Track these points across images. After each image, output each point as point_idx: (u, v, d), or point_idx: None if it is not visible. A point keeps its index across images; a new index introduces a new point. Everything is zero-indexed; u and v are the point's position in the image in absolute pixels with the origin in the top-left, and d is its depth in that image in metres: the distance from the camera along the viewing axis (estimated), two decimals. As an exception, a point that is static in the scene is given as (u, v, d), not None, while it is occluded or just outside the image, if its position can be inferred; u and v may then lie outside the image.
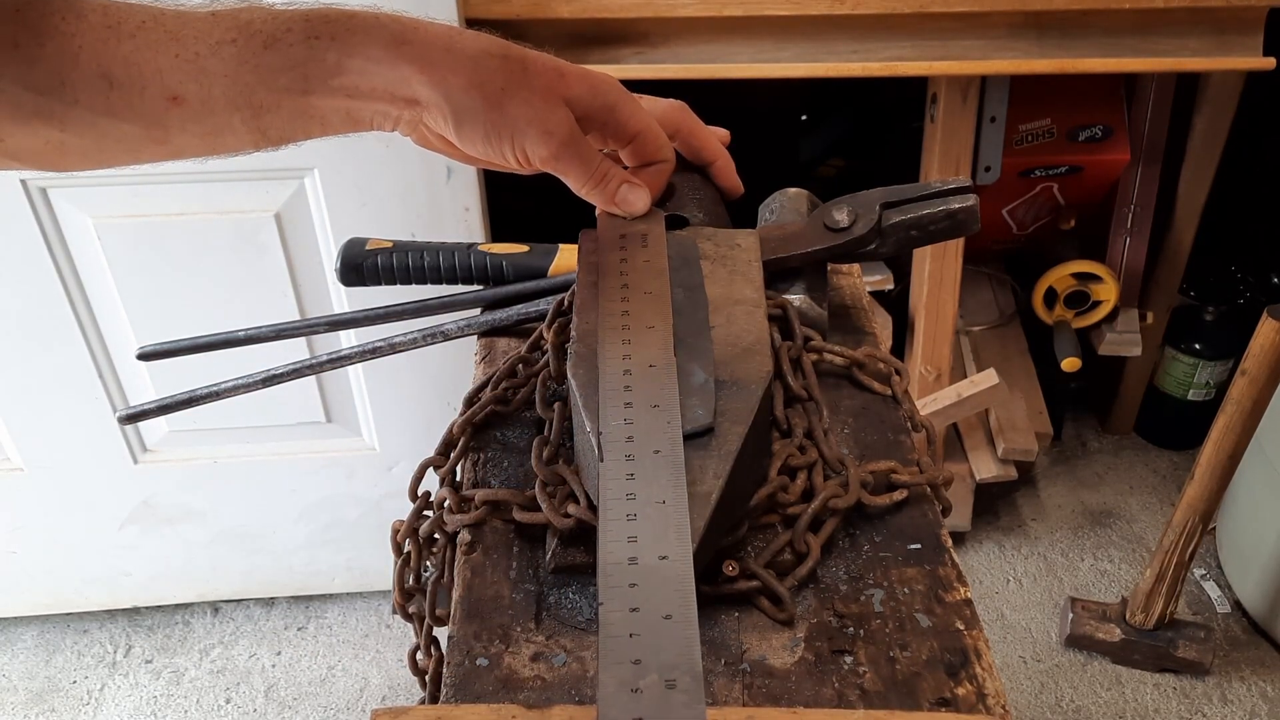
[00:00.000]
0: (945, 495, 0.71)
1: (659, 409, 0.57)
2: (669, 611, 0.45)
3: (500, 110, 0.59)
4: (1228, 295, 2.16)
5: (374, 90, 0.58)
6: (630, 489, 0.52)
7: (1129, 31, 1.43)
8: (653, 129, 0.68)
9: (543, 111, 0.60)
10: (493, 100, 0.59)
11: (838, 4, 1.37)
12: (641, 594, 0.47)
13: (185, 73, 0.56)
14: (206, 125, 0.58)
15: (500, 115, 0.59)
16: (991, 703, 0.56)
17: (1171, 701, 1.71)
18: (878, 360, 0.79)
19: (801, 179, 1.97)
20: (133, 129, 0.57)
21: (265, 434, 1.65)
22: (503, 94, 0.59)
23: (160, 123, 0.57)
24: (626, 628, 0.45)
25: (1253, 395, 1.41)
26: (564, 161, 0.63)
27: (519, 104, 0.59)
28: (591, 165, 0.65)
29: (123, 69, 0.55)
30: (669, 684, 0.42)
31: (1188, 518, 1.56)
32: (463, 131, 0.60)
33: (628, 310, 0.65)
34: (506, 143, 0.61)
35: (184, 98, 0.56)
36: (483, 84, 0.59)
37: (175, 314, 1.48)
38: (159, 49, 0.56)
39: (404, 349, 0.88)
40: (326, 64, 0.57)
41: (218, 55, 0.56)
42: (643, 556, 0.48)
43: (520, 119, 0.59)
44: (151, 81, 0.56)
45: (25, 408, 1.57)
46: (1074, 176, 1.82)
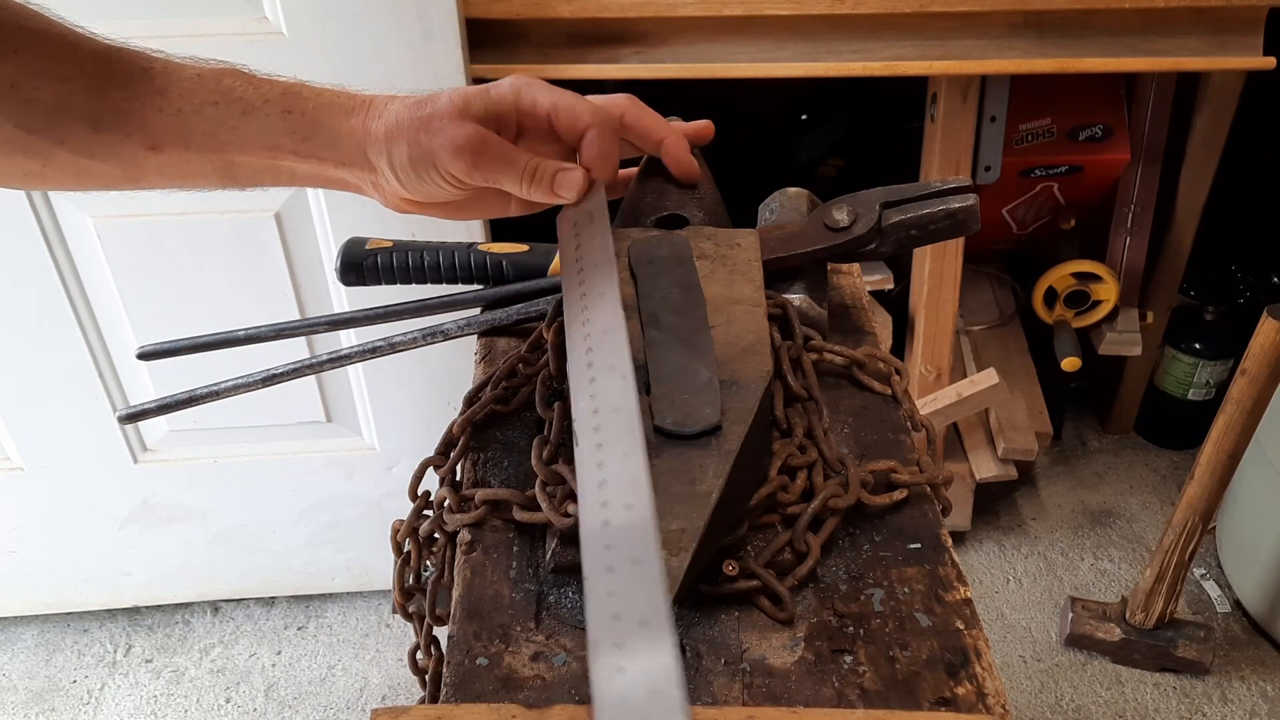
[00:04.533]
0: (945, 495, 0.71)
1: (615, 369, 0.58)
2: (636, 557, 0.48)
3: (418, 145, 0.64)
4: (1228, 295, 2.16)
5: (338, 158, 0.65)
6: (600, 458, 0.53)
7: (1129, 31, 1.42)
8: (564, 102, 0.69)
9: (451, 132, 0.64)
10: (412, 140, 0.64)
11: (838, 3, 1.37)
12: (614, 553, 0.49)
13: (167, 127, 0.61)
14: (180, 171, 0.64)
15: (419, 149, 0.64)
16: (991, 702, 0.56)
17: (1171, 701, 1.71)
18: (878, 360, 0.79)
19: (801, 179, 1.97)
20: (110, 169, 0.62)
21: (265, 434, 1.65)
22: (418, 132, 0.64)
23: (137, 166, 0.62)
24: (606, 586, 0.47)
25: (1253, 395, 1.41)
26: (486, 168, 0.66)
27: (429, 135, 0.64)
28: (517, 164, 0.67)
29: (110, 117, 0.60)
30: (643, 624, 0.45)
31: (1188, 517, 1.56)
32: (400, 176, 0.65)
33: (585, 293, 0.66)
34: (432, 170, 0.65)
35: (163, 148, 0.62)
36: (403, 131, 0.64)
37: (175, 313, 1.48)
38: (146, 101, 0.61)
39: (404, 348, 0.88)
40: (297, 135, 0.64)
41: (200, 115, 0.62)
42: (613, 517, 0.50)
43: (434, 145, 0.64)
44: (135, 131, 0.61)
45: (25, 407, 1.57)
46: (1074, 176, 1.82)
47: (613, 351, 0.60)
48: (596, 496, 0.51)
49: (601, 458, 0.54)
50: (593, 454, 0.54)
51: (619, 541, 0.49)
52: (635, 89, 1.78)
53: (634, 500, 0.50)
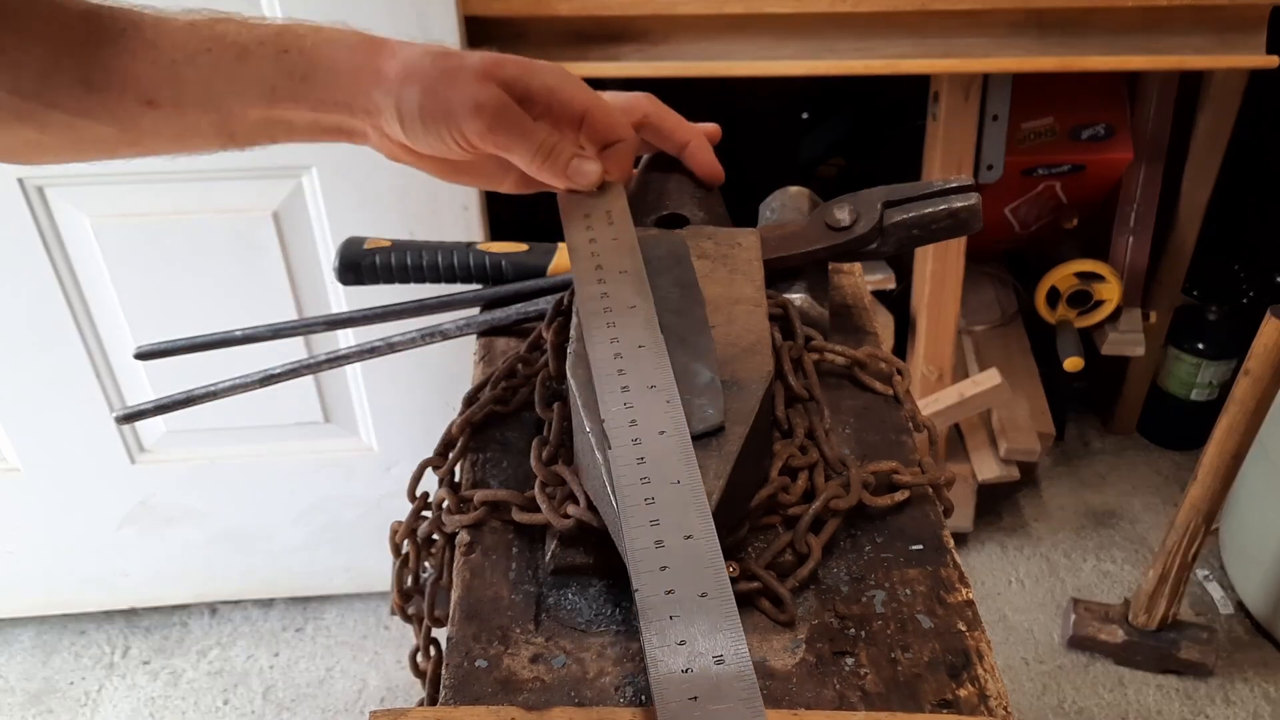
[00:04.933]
0: (947, 496, 0.70)
1: (656, 389, 0.57)
2: (704, 590, 0.46)
3: (435, 95, 0.61)
4: (1231, 295, 2.15)
5: (336, 101, 0.62)
6: (644, 473, 0.52)
7: (1132, 29, 1.42)
8: (602, 106, 0.68)
9: (474, 90, 0.61)
10: (429, 88, 0.61)
11: (839, 1, 1.37)
12: (673, 576, 0.47)
13: (161, 79, 0.59)
14: (177, 128, 0.61)
15: (435, 100, 0.61)
16: (994, 704, 0.56)
17: (1174, 703, 1.70)
18: (879, 360, 0.79)
19: (802, 178, 1.97)
20: (108, 130, 0.60)
21: (263, 434, 1.65)
22: (437, 82, 0.61)
23: (134, 125, 0.60)
24: (666, 611, 0.45)
25: (1256, 395, 1.41)
26: (501, 135, 0.63)
27: (452, 88, 0.61)
28: (534, 138, 0.64)
29: (101, 75, 0.58)
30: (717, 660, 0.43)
31: (1190, 518, 1.55)
32: (406, 124, 0.62)
33: (606, 293, 0.64)
34: (443, 125, 0.62)
35: (158, 102, 0.59)
36: (421, 76, 0.61)
37: (173, 313, 1.47)
38: (137, 55, 0.58)
39: (402, 348, 0.88)
40: (294, 76, 0.61)
41: (193, 64, 0.59)
42: (668, 539, 0.48)
43: (453, 99, 0.61)
44: (129, 87, 0.59)
45: (22, 407, 1.56)
46: (1076, 175, 1.81)
47: (654, 370, 0.58)
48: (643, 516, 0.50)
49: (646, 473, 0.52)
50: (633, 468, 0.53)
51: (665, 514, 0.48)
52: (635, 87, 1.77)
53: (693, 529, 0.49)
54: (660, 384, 0.57)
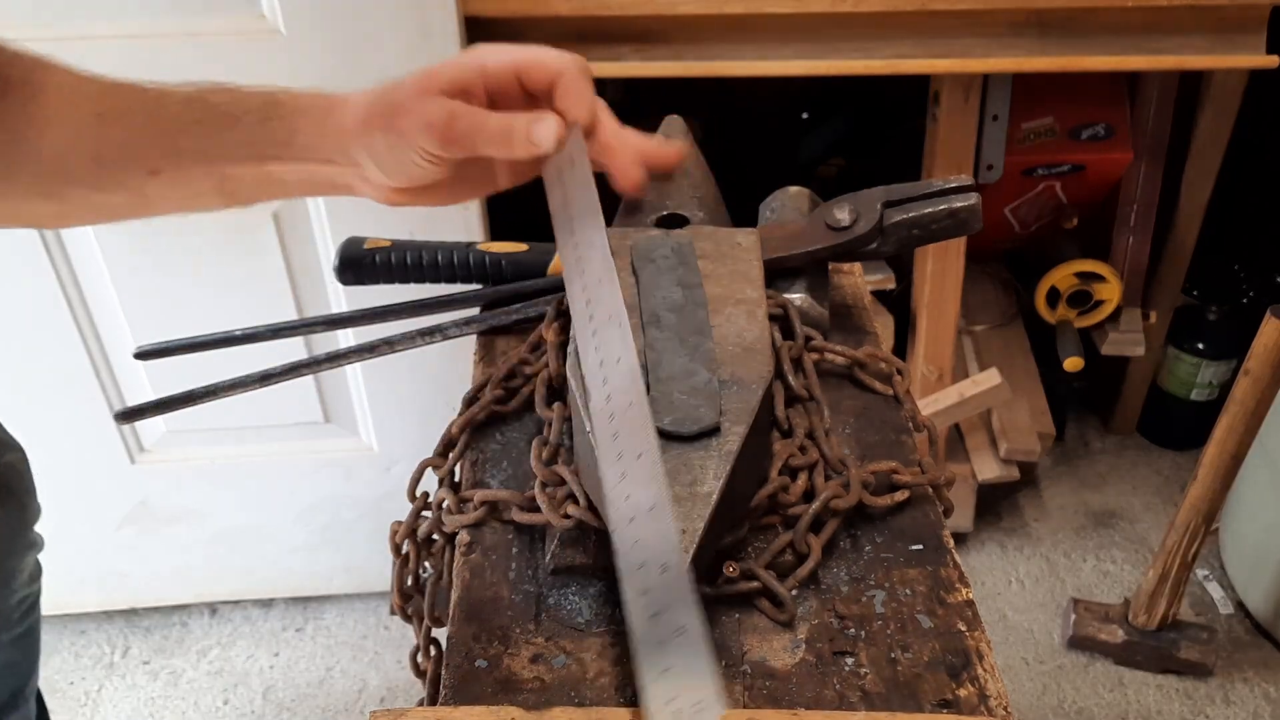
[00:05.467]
0: (947, 496, 0.70)
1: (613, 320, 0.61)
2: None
3: (391, 131, 0.65)
4: (1231, 295, 2.15)
5: (323, 158, 0.67)
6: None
7: (1132, 29, 1.42)
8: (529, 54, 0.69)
9: (419, 109, 0.64)
10: (386, 126, 0.65)
11: (839, 1, 1.37)
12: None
13: (162, 150, 0.65)
14: (181, 192, 0.67)
15: (394, 135, 0.65)
16: (994, 704, 0.56)
17: (1174, 703, 1.70)
18: (879, 360, 0.79)
19: (802, 178, 1.96)
20: (120, 199, 0.67)
21: (263, 434, 1.65)
22: (389, 118, 0.65)
23: (142, 192, 0.66)
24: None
25: (1256, 395, 1.41)
26: (461, 138, 0.65)
27: (401, 117, 0.65)
28: (489, 126, 0.66)
29: (111, 151, 0.65)
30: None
31: (1191, 518, 1.55)
32: (381, 164, 0.66)
33: (578, 243, 0.66)
34: (410, 152, 0.65)
35: (161, 171, 0.66)
36: (376, 119, 0.65)
37: (173, 313, 1.47)
38: (140, 131, 0.65)
39: (402, 348, 0.88)
40: (278, 140, 0.66)
41: (188, 134, 0.66)
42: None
43: (405, 127, 0.64)
44: (134, 160, 0.65)
45: (22, 407, 1.56)
46: (1077, 175, 1.81)
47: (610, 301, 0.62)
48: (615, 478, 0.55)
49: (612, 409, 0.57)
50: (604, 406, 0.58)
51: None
52: (636, 88, 1.77)
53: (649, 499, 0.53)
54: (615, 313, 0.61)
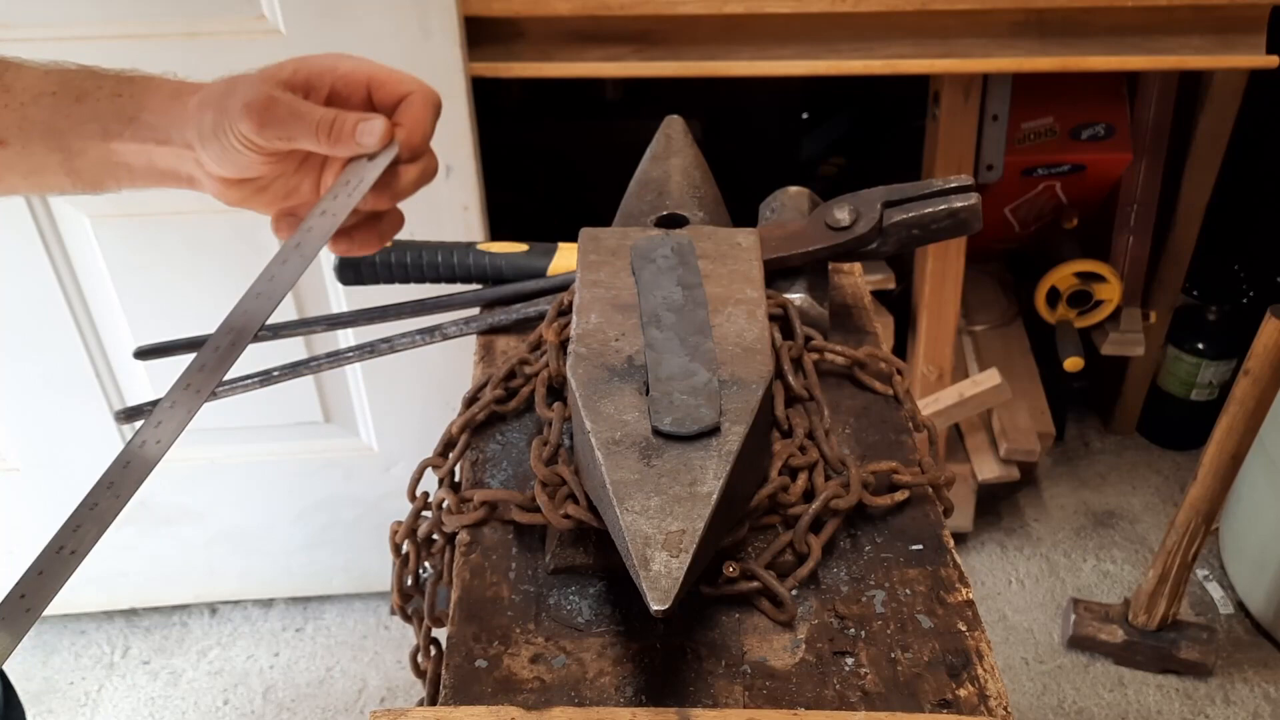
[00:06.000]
0: (947, 496, 0.70)
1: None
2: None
3: (220, 110, 0.63)
4: (1231, 295, 2.15)
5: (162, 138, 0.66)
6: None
7: (1132, 29, 1.42)
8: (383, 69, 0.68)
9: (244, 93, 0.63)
10: (215, 107, 0.64)
11: (839, 1, 1.37)
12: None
13: (11, 120, 0.65)
14: (27, 165, 0.67)
15: (219, 114, 0.63)
16: (993, 704, 0.56)
17: (1174, 703, 1.70)
18: (879, 360, 0.79)
19: (802, 178, 1.97)
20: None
21: (263, 434, 1.65)
22: (221, 99, 0.64)
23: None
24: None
25: (1256, 395, 1.41)
26: (276, 126, 0.63)
27: (229, 99, 0.63)
28: (311, 119, 0.65)
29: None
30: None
31: (1190, 518, 1.55)
32: (206, 146, 0.64)
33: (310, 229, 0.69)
34: (226, 134, 0.63)
35: (8, 141, 0.65)
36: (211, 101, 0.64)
37: (172, 312, 1.47)
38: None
39: (402, 348, 0.88)
40: (124, 116, 0.65)
41: (38, 105, 0.65)
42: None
43: (230, 109, 0.63)
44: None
45: (21, 407, 1.56)
46: (1076, 175, 1.81)
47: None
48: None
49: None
50: None
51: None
52: (635, 87, 1.77)
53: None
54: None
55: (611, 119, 1.99)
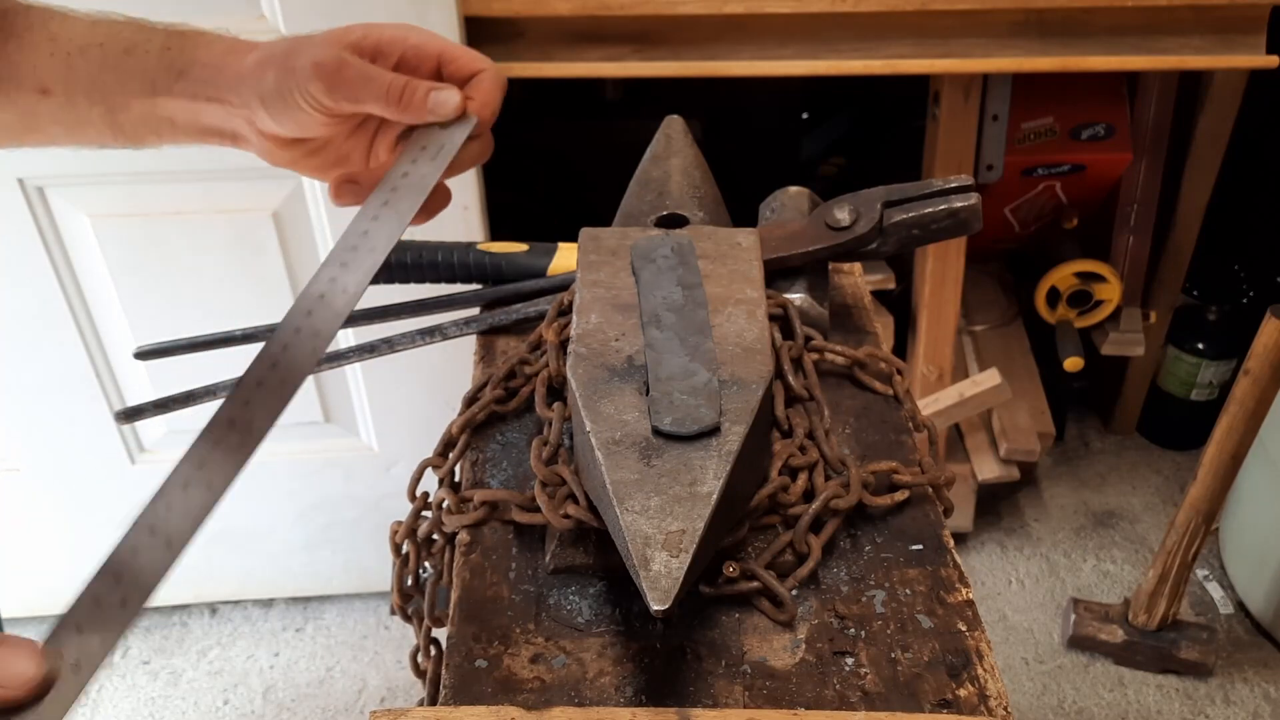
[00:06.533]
0: (947, 496, 0.70)
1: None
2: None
3: (285, 69, 0.62)
4: (1231, 295, 2.15)
5: (210, 97, 0.64)
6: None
7: (1132, 29, 1.42)
8: (455, 45, 0.67)
9: (314, 54, 0.62)
10: (279, 66, 0.62)
11: (839, 1, 1.37)
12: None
13: (55, 69, 0.64)
14: (71, 118, 0.65)
15: (285, 73, 0.62)
16: (993, 704, 0.56)
17: (1174, 703, 1.70)
18: (879, 360, 0.79)
19: (802, 177, 1.97)
20: (9, 118, 0.65)
21: (264, 434, 1.65)
22: (286, 57, 0.62)
23: (32, 112, 0.65)
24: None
25: (1256, 395, 1.41)
26: (347, 88, 0.62)
27: (296, 58, 0.62)
28: (381, 83, 0.64)
29: (6, 65, 0.63)
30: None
31: (1191, 518, 1.55)
32: (266, 107, 0.63)
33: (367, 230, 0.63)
34: (293, 93, 0.62)
35: (52, 91, 0.64)
36: (274, 59, 0.63)
37: (173, 313, 1.47)
38: (37, 48, 0.64)
39: (402, 348, 0.88)
40: (173, 70, 0.64)
41: (84, 56, 0.64)
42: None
43: (298, 68, 0.62)
44: (27, 77, 0.63)
45: (22, 407, 1.56)
46: (1076, 175, 1.81)
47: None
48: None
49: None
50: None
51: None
52: (635, 87, 1.77)
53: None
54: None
55: (611, 119, 1.99)
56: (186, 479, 0.51)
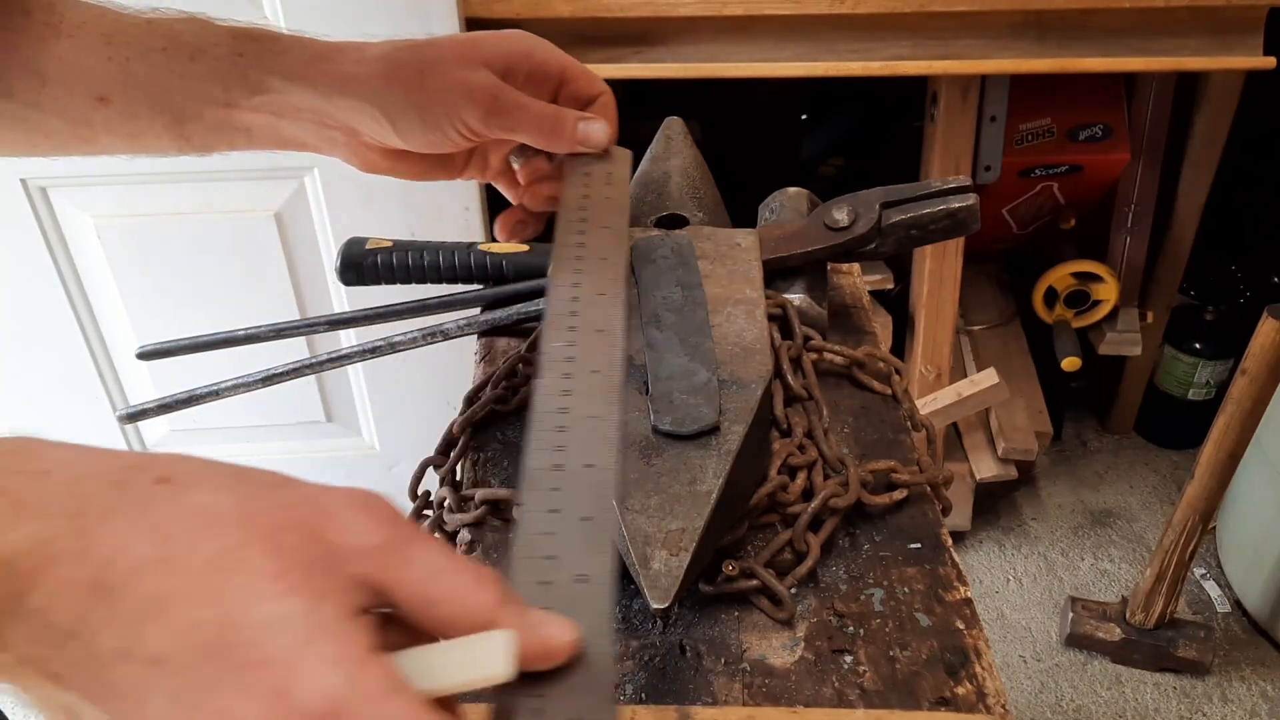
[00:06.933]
0: (945, 495, 0.71)
1: (603, 333, 0.56)
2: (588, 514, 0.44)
3: (422, 89, 0.59)
4: (1228, 295, 2.16)
5: (297, 109, 0.60)
6: (564, 404, 0.50)
7: (1129, 31, 1.42)
8: (576, 64, 0.66)
9: (461, 76, 0.59)
10: (413, 84, 0.59)
11: (838, 3, 1.37)
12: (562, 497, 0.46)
13: (113, 75, 0.58)
14: (130, 127, 0.59)
15: (424, 94, 0.59)
16: (991, 702, 0.56)
17: (1172, 701, 1.70)
18: (878, 359, 0.79)
19: (801, 178, 1.97)
20: (60, 125, 0.59)
21: (265, 433, 1.65)
22: (420, 75, 0.59)
23: (87, 121, 0.58)
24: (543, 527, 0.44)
25: (1253, 395, 1.41)
26: (504, 115, 0.61)
27: (437, 77, 0.59)
28: (534, 113, 0.62)
29: (56, 67, 0.57)
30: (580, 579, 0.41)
31: (1188, 517, 1.56)
32: (398, 125, 0.60)
33: (583, 243, 0.62)
34: (442, 118, 0.59)
35: (110, 99, 0.58)
36: (399, 74, 0.59)
37: (175, 313, 1.48)
38: (92, 50, 0.57)
39: (404, 348, 0.88)
40: (249, 80, 0.59)
41: (146, 61, 0.58)
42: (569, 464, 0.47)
43: (442, 89, 0.59)
44: (81, 81, 0.57)
45: (24, 407, 1.57)
46: (1074, 176, 1.81)
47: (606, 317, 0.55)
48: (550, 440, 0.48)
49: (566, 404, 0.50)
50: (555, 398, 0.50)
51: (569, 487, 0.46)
52: (635, 88, 1.77)
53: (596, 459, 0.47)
54: (609, 329, 0.55)
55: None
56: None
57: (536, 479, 0.47)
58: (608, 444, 0.48)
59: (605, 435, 0.48)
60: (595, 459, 0.47)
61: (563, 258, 0.60)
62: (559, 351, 0.53)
